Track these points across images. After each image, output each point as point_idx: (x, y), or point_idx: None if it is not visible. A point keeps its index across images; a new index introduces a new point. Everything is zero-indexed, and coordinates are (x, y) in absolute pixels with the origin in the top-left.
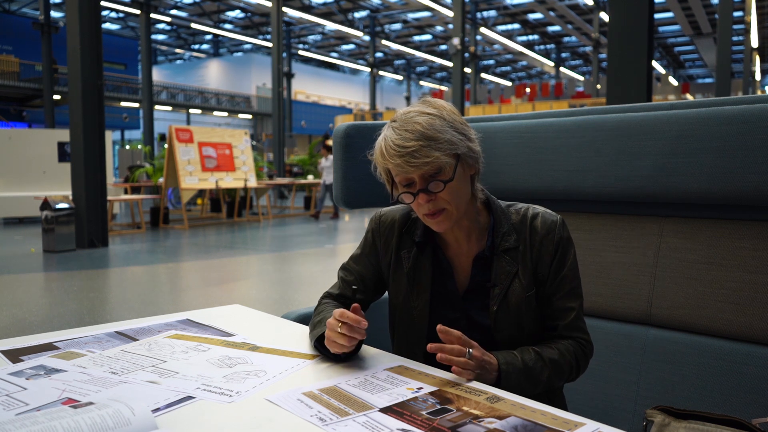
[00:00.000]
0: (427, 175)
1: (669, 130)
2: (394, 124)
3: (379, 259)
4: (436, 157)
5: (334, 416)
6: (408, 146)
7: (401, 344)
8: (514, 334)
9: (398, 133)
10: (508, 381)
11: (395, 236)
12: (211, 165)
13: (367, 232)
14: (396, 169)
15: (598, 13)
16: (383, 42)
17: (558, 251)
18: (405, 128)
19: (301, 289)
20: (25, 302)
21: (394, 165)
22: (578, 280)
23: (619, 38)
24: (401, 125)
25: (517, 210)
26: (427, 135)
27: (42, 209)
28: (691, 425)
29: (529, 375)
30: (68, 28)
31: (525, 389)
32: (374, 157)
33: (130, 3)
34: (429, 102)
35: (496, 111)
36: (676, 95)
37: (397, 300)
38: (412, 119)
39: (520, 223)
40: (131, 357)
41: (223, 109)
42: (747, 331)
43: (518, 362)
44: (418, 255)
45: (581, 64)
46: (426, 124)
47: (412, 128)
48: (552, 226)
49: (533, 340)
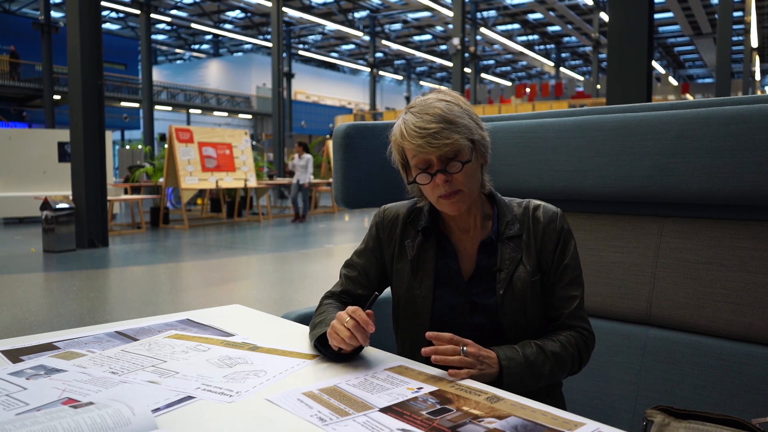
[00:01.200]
0: (444, 157)
1: (669, 130)
2: (413, 109)
3: (383, 251)
4: (456, 139)
5: (334, 416)
6: (429, 128)
7: (405, 335)
8: (519, 319)
9: (419, 116)
10: (510, 376)
11: (399, 227)
12: (211, 165)
13: (371, 226)
14: (416, 150)
15: (598, 13)
16: (383, 42)
17: (560, 240)
18: (426, 112)
19: (301, 289)
20: (25, 302)
21: (415, 146)
22: (580, 269)
23: (619, 38)
24: (421, 110)
25: (518, 203)
26: (447, 118)
27: (42, 209)
28: (690, 425)
29: (531, 369)
30: (68, 28)
31: (528, 384)
32: (392, 140)
33: (130, 3)
34: (446, 91)
35: (496, 111)
36: (676, 95)
37: (400, 289)
38: (431, 104)
39: (523, 213)
40: (131, 357)
41: (223, 109)
42: (747, 331)
43: (519, 357)
44: (423, 243)
45: (581, 64)
46: (446, 108)
47: (433, 111)
48: (553, 216)
49: (537, 327)
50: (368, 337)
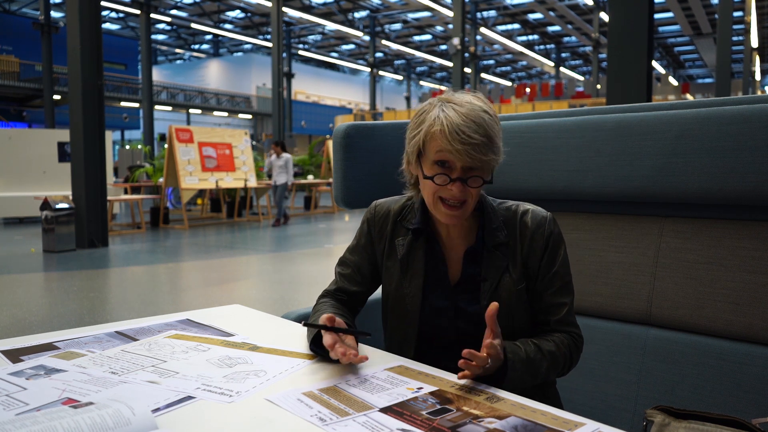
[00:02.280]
0: (468, 168)
1: (669, 130)
2: (456, 108)
3: (374, 248)
4: (491, 159)
5: (334, 416)
6: (473, 138)
7: (394, 332)
8: (504, 327)
9: (464, 121)
10: (514, 371)
11: (390, 225)
12: (211, 165)
13: (362, 223)
14: (450, 151)
15: (598, 13)
16: (383, 42)
17: (548, 246)
18: (472, 119)
19: (301, 289)
20: (25, 302)
21: (452, 148)
22: (569, 276)
23: (619, 38)
24: (467, 113)
25: (507, 207)
26: (490, 135)
27: (42, 209)
28: (690, 425)
29: (530, 366)
30: (68, 28)
31: (526, 381)
32: (421, 126)
33: (130, 3)
34: (487, 102)
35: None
36: (676, 95)
37: (389, 287)
38: (477, 113)
39: (511, 219)
40: (131, 357)
41: (223, 109)
42: (747, 331)
43: (522, 353)
44: (413, 242)
45: (581, 64)
46: (489, 123)
47: (480, 122)
48: (542, 222)
49: (523, 334)
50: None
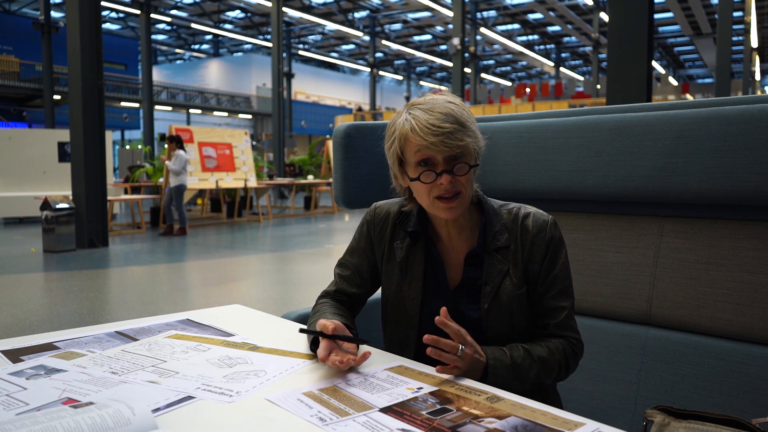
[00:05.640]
0: (451, 158)
1: (669, 130)
2: (421, 107)
3: (374, 249)
4: (468, 143)
5: (334, 416)
6: (444, 127)
7: (393, 336)
8: (504, 331)
9: (432, 115)
10: (495, 377)
11: (389, 227)
12: (211, 165)
13: (361, 224)
14: (426, 147)
15: (598, 13)
16: (383, 42)
17: (549, 250)
18: (439, 111)
19: (301, 289)
20: (25, 302)
21: (427, 143)
22: (569, 279)
23: (619, 38)
24: (432, 107)
25: (509, 210)
26: (460, 120)
27: (42, 209)
28: (690, 425)
29: (516, 372)
30: (68, 28)
31: (512, 386)
32: (394, 135)
33: (130, 3)
34: (451, 95)
35: (496, 111)
36: (676, 95)
37: (389, 290)
38: (441, 104)
39: (512, 222)
40: (131, 357)
41: (223, 109)
42: (747, 331)
43: (506, 359)
44: (411, 246)
45: (581, 64)
46: (457, 111)
47: (446, 111)
48: (543, 225)
49: (524, 338)
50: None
